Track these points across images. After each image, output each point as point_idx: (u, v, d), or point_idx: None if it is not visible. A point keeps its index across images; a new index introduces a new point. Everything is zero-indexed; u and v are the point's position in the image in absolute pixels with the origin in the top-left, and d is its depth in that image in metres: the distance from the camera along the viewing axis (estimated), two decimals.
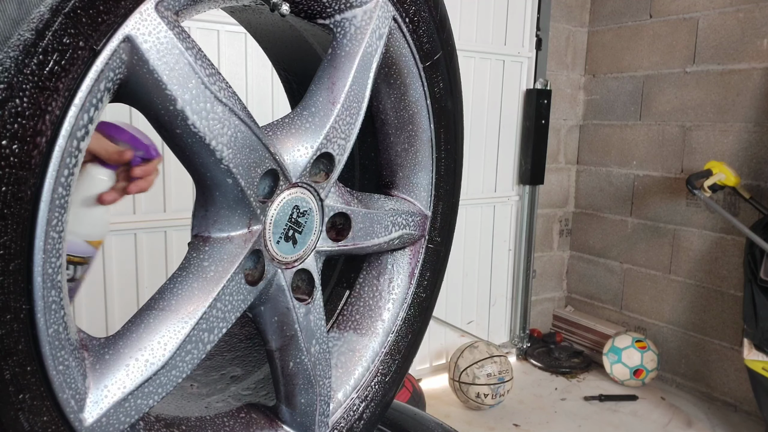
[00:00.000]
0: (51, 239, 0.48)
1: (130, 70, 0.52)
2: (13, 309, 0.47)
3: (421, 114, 0.86)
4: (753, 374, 2.64)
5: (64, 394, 0.51)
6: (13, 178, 0.45)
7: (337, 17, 0.73)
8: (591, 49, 3.73)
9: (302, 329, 0.72)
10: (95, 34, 0.48)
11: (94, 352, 0.56)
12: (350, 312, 0.91)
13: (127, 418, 0.56)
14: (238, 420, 0.75)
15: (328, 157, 0.71)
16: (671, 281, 3.35)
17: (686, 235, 3.26)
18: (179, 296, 0.60)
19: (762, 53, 2.89)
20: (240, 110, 0.60)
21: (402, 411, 1.12)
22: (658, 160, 3.37)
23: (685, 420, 3.00)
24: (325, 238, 0.75)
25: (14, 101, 0.44)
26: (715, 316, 3.14)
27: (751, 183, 2.94)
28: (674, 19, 3.25)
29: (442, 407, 3.05)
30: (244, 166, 0.61)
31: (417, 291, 0.93)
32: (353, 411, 0.86)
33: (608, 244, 3.69)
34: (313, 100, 0.70)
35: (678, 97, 3.26)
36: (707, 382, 3.20)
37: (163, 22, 0.53)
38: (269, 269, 0.67)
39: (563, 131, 3.77)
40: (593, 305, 3.82)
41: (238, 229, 0.64)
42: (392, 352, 0.90)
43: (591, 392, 3.22)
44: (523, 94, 3.45)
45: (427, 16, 0.81)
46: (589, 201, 3.80)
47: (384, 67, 0.81)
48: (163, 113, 0.55)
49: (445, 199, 0.93)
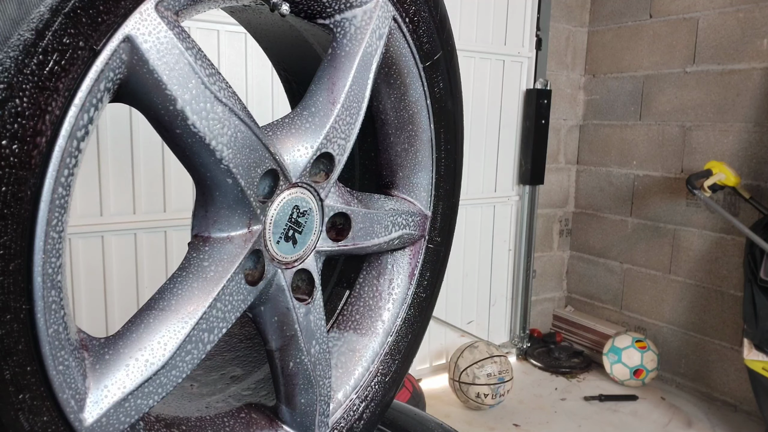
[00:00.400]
0: (51, 239, 0.48)
1: (130, 70, 0.52)
2: (13, 309, 0.47)
3: (421, 114, 0.86)
4: (753, 374, 2.64)
5: (64, 394, 0.51)
6: (13, 178, 0.45)
7: (337, 17, 0.73)
8: (591, 49, 3.73)
9: (302, 329, 0.72)
10: (95, 34, 0.48)
11: (94, 352, 0.56)
12: (350, 312, 0.91)
13: (127, 418, 0.56)
14: (238, 420, 0.75)
15: (328, 157, 0.71)
16: (671, 281, 3.35)
17: (686, 235, 3.26)
18: (179, 296, 0.60)
19: (762, 53, 2.89)
20: (240, 110, 0.60)
21: (402, 411, 1.12)
22: (658, 160, 3.37)
23: (685, 420, 3.00)
24: (325, 238, 0.75)
25: (14, 101, 0.44)
26: (715, 316, 3.14)
27: (751, 183, 2.94)
28: (674, 19, 3.25)
29: (442, 407, 3.05)
30: (244, 166, 0.61)
31: (417, 291, 0.93)
32: (353, 411, 0.86)
33: (608, 244, 3.69)
34: (313, 100, 0.70)
35: (678, 97, 3.26)
36: (707, 382, 3.20)
37: (163, 22, 0.53)
38: (269, 269, 0.67)
39: (563, 131, 3.77)
40: (593, 305, 3.82)
41: (238, 229, 0.64)
42: (392, 352, 0.90)
43: (591, 392, 3.22)
44: (523, 94, 3.45)
45: (427, 16, 0.81)
46: (589, 201, 3.80)
47: (384, 67, 0.81)
48: (163, 113, 0.55)
49: (445, 199, 0.93)
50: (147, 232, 2.35)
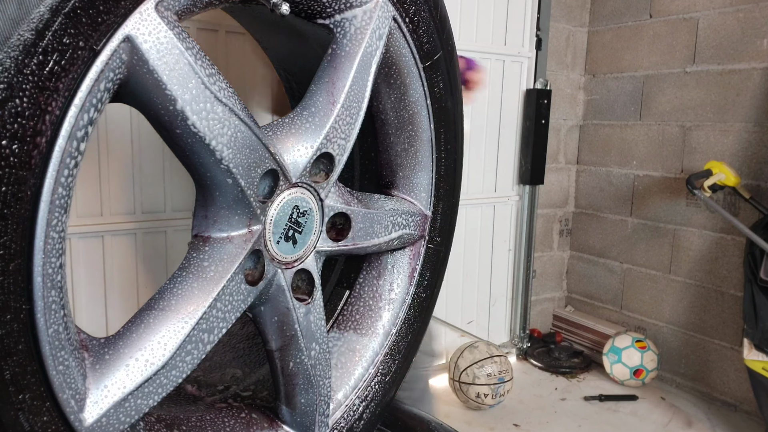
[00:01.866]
0: (51, 239, 0.48)
1: (130, 71, 0.52)
2: (13, 309, 0.47)
3: (421, 114, 0.86)
4: (753, 374, 2.64)
5: (64, 394, 0.51)
6: (13, 178, 0.45)
7: (337, 17, 0.73)
8: (591, 49, 3.73)
9: (302, 329, 0.72)
10: (95, 34, 0.48)
11: (94, 352, 0.56)
12: (350, 312, 0.91)
13: (127, 418, 0.56)
14: (238, 420, 0.75)
15: (328, 157, 0.71)
16: (671, 281, 3.35)
17: (686, 235, 3.26)
18: (179, 296, 0.60)
19: (762, 53, 2.89)
20: (240, 110, 0.60)
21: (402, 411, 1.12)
22: (658, 160, 3.37)
23: (685, 420, 3.00)
24: (325, 238, 0.75)
25: (14, 101, 0.44)
26: (715, 316, 3.14)
27: (751, 183, 2.94)
28: (674, 19, 3.25)
29: (442, 407, 3.05)
30: (244, 166, 0.61)
31: (417, 291, 0.93)
32: (353, 411, 0.86)
33: (608, 244, 3.69)
34: (313, 100, 0.70)
35: (678, 97, 3.26)
36: (707, 382, 3.20)
37: (162, 22, 0.53)
38: (269, 269, 0.67)
39: (563, 131, 3.77)
40: (593, 305, 3.82)
41: (238, 229, 0.64)
42: (392, 352, 0.90)
43: (591, 392, 3.22)
44: (523, 94, 3.45)
45: (427, 16, 0.81)
46: (589, 201, 3.80)
47: (384, 67, 0.81)
48: (163, 113, 0.55)
49: (445, 199, 0.93)
50: (147, 232, 2.35)
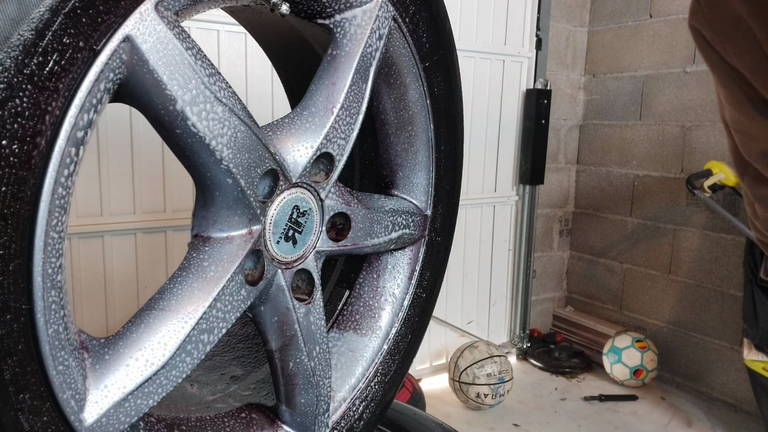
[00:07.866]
0: (51, 239, 0.48)
1: (130, 71, 0.52)
2: (13, 309, 0.47)
3: (421, 114, 0.86)
4: (753, 374, 2.64)
5: (64, 395, 0.51)
6: (13, 178, 0.45)
7: (337, 17, 0.73)
8: (591, 49, 3.73)
9: (302, 329, 0.72)
10: (95, 34, 0.48)
11: (94, 352, 0.56)
12: (350, 312, 0.91)
13: (127, 419, 0.56)
14: (239, 420, 0.75)
15: (328, 157, 0.71)
16: (671, 281, 3.35)
17: (686, 235, 3.26)
18: (179, 296, 0.60)
19: None
20: (240, 110, 0.60)
21: (402, 411, 1.12)
22: (657, 160, 3.37)
23: (685, 420, 3.00)
24: (325, 238, 0.75)
25: (14, 101, 0.44)
26: (715, 316, 3.14)
27: None
28: (674, 19, 3.25)
29: (442, 407, 3.05)
30: (243, 166, 0.61)
31: (417, 291, 0.93)
32: (353, 411, 0.86)
33: (608, 244, 3.69)
34: (313, 100, 0.70)
35: (678, 97, 3.26)
36: (707, 382, 3.20)
37: (162, 22, 0.52)
38: (269, 269, 0.67)
39: (563, 131, 3.77)
40: (593, 305, 3.82)
41: (238, 229, 0.64)
42: (392, 352, 0.90)
43: (591, 392, 3.22)
44: (523, 94, 3.45)
45: (427, 16, 0.81)
46: (589, 201, 3.80)
47: (384, 67, 0.81)
48: (163, 113, 0.55)
49: (445, 199, 0.93)
50: (147, 232, 2.35)
